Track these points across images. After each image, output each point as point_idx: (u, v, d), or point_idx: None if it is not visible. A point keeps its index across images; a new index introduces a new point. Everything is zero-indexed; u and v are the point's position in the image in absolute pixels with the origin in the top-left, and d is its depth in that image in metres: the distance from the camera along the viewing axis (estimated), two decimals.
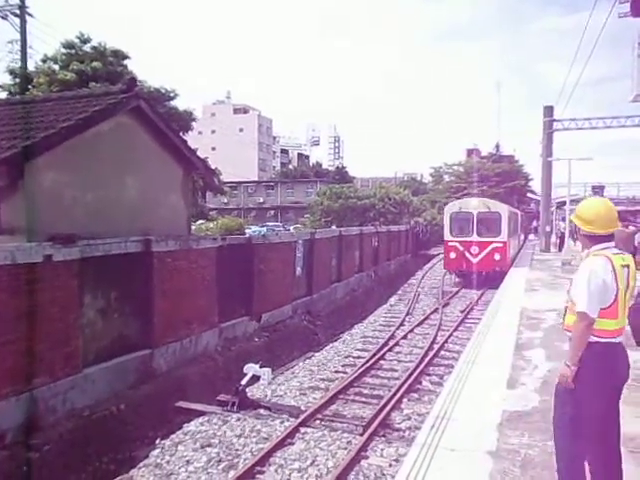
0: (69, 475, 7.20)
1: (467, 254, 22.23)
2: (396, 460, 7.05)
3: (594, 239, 3.74)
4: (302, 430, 8.06)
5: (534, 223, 47.75)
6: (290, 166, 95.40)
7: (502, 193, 40.72)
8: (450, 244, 22.85)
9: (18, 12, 19.76)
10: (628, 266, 3.66)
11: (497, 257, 21.88)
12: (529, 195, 53.54)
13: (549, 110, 29.41)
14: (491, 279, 21.13)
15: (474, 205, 23.09)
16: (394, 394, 9.50)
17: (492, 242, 22.09)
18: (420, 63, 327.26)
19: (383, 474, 6.81)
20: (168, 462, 7.37)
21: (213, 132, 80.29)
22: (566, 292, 3.83)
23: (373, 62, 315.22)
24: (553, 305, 11.64)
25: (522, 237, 38.53)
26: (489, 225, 22.49)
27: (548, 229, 31.61)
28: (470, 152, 54.93)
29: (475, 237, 22.32)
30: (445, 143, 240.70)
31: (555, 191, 35.70)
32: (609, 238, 3.72)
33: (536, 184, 46.90)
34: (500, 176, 45.04)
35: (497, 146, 53.99)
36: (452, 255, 22.70)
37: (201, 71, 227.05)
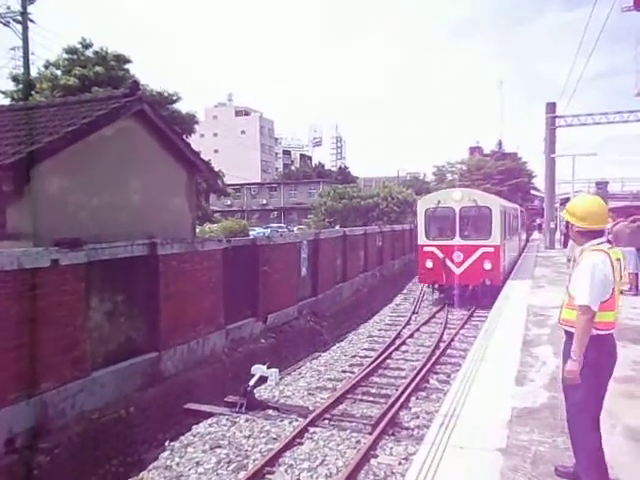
0: (79, 478, 7.23)
1: (448, 262, 17.39)
2: (405, 459, 7.05)
3: (587, 235, 3.88)
4: (311, 430, 8.07)
5: (538, 220, 47.70)
6: (292, 167, 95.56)
7: (506, 191, 40.68)
8: (426, 249, 17.86)
9: (20, 19, 19.86)
10: (619, 259, 3.82)
11: (487, 266, 17.01)
12: (533, 192, 53.55)
13: (551, 107, 29.36)
14: (479, 296, 17.18)
15: (456, 198, 17.78)
16: (402, 393, 9.49)
17: (480, 246, 17.22)
18: (421, 63, 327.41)
19: (393, 472, 6.80)
20: (178, 464, 7.39)
21: (215, 135, 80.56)
22: (565, 288, 3.91)
23: (375, 62, 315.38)
24: (559, 302, 11.57)
25: (524, 237, 33.53)
26: (476, 224, 17.68)
27: (552, 226, 31.55)
28: (473, 150, 55.07)
29: (458, 240, 17.45)
30: (448, 142, 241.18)
31: (559, 187, 35.64)
32: (601, 233, 3.91)
33: (540, 181, 46.94)
34: (503, 174, 45.08)
35: (500, 143, 54.15)
36: (428, 264, 17.69)
37: (202, 73, 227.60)
